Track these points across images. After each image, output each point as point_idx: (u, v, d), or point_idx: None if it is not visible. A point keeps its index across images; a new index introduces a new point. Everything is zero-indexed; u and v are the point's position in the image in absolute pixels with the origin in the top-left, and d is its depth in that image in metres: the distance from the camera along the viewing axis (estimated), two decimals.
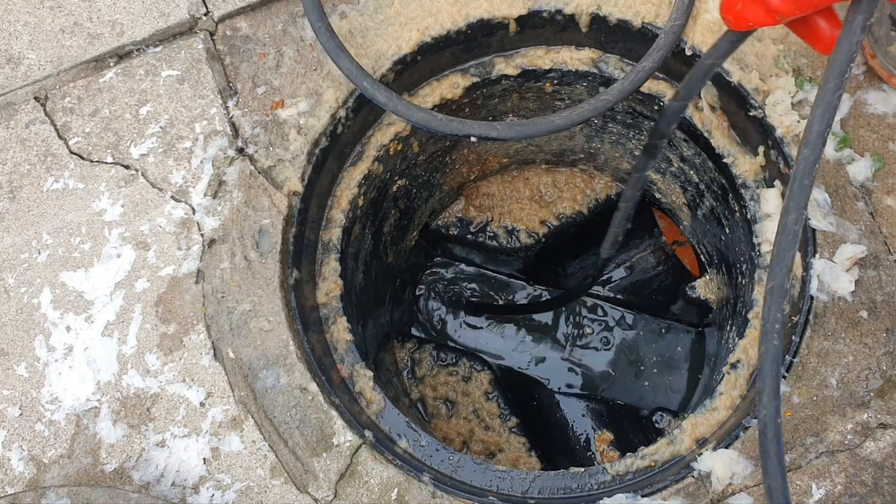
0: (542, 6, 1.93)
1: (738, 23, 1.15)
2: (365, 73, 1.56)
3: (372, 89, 1.54)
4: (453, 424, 2.79)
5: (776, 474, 1.15)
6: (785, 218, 1.15)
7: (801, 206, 1.14)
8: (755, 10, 1.10)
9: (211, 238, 1.78)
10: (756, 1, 1.10)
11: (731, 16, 1.15)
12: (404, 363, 2.90)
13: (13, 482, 1.64)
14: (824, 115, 1.09)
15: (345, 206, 1.99)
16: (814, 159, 1.12)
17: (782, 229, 1.16)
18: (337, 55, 1.61)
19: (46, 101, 1.90)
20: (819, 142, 1.11)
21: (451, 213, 2.92)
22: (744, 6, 1.12)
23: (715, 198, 2.16)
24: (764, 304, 1.17)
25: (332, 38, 1.62)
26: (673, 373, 2.88)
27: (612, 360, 2.94)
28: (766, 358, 1.16)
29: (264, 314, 1.73)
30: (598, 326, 2.97)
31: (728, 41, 1.29)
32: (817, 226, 1.73)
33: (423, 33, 1.91)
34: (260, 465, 1.64)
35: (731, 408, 1.75)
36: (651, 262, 2.94)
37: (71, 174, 1.83)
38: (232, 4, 1.94)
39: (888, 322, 1.66)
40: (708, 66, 1.37)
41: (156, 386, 1.69)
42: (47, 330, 1.73)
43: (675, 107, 1.54)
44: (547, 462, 2.74)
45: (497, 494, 1.70)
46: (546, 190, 2.92)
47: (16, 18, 1.96)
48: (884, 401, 1.61)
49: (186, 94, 1.89)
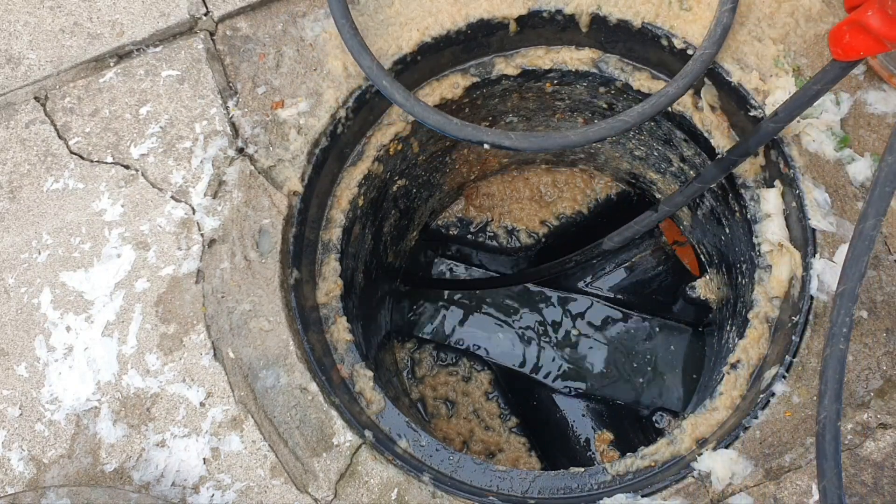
0: (542, 6, 1.93)
1: (849, 53, 1.17)
2: (385, 71, 1.55)
3: (390, 88, 1.53)
4: (453, 424, 2.79)
5: (833, 477, 1.16)
6: (862, 224, 1.14)
7: (881, 213, 1.13)
8: (864, 40, 1.12)
9: (211, 238, 1.78)
10: (862, 32, 1.11)
11: (840, 48, 1.17)
12: (404, 363, 2.90)
13: (13, 482, 1.64)
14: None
15: (345, 206, 1.99)
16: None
17: (858, 235, 1.15)
18: (359, 53, 1.60)
19: (46, 101, 1.90)
20: None
21: (451, 213, 2.92)
22: (851, 38, 1.14)
23: (715, 198, 2.16)
24: (833, 307, 1.16)
25: (355, 37, 1.61)
26: (673, 373, 2.88)
27: (612, 360, 2.94)
28: (831, 361, 1.15)
29: (264, 314, 1.73)
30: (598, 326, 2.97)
31: (838, 68, 1.29)
32: (817, 226, 1.73)
33: (423, 33, 1.91)
34: (260, 465, 1.64)
35: (731, 408, 1.75)
36: (651, 262, 2.94)
37: (71, 174, 1.83)
38: (232, 4, 1.94)
39: (888, 322, 1.66)
40: (815, 92, 1.37)
41: (156, 386, 1.69)
42: (47, 330, 1.73)
43: (770, 127, 1.53)
44: (547, 462, 2.74)
45: (497, 494, 1.70)
46: (546, 190, 2.92)
47: (16, 18, 1.96)
48: (884, 401, 1.61)
49: (186, 94, 1.89)
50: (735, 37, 1.85)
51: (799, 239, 1.80)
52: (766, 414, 1.63)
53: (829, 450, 1.17)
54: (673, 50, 1.90)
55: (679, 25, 1.87)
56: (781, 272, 1.79)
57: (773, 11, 1.86)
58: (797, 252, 1.78)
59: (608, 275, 2.99)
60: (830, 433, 1.16)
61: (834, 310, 1.16)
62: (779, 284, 1.80)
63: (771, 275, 1.82)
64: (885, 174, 1.12)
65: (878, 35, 1.10)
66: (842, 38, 1.16)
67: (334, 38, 1.91)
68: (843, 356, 1.16)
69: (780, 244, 1.81)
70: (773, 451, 1.60)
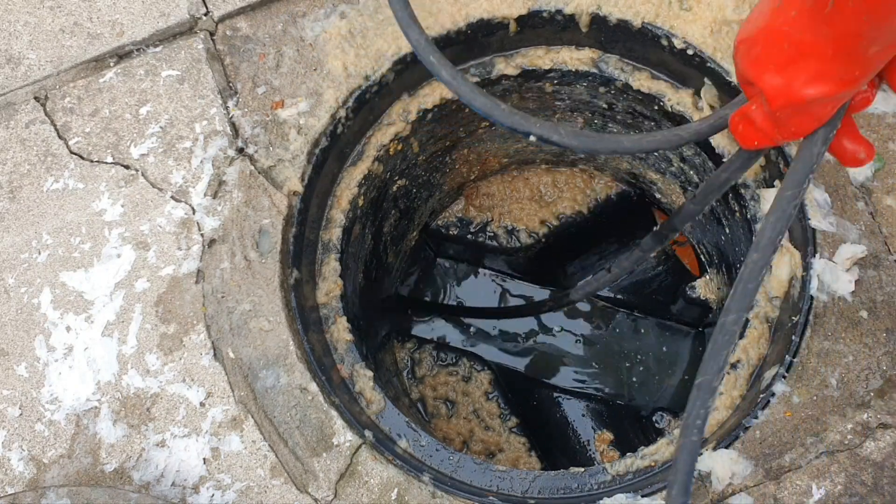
0: (542, 6, 1.93)
1: (745, 142, 1.13)
2: (433, 47, 1.51)
3: (438, 65, 1.49)
4: (453, 424, 2.79)
5: None
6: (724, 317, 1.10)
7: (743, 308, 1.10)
8: (755, 132, 1.09)
9: (211, 238, 1.78)
10: (749, 124, 1.09)
11: (738, 136, 1.14)
12: (404, 363, 2.90)
13: (13, 482, 1.64)
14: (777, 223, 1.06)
15: (345, 206, 1.99)
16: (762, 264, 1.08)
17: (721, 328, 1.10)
18: (408, 25, 1.56)
19: (46, 101, 1.90)
20: (770, 248, 1.08)
21: (451, 213, 2.92)
22: (744, 128, 1.11)
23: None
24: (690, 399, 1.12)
25: (405, 8, 1.57)
26: (673, 373, 2.88)
27: (612, 360, 2.94)
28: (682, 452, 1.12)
29: (264, 314, 1.73)
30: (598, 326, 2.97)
31: (741, 158, 1.28)
32: (817, 226, 1.73)
33: None
34: (260, 465, 1.64)
35: (731, 408, 1.75)
36: (651, 262, 2.94)
37: (71, 174, 1.83)
38: (232, 4, 1.94)
39: (888, 322, 1.66)
40: (724, 180, 1.36)
41: (156, 386, 1.69)
42: (47, 330, 1.73)
43: (691, 209, 1.52)
44: (547, 462, 2.74)
45: (497, 494, 1.70)
46: (546, 190, 2.92)
47: (16, 18, 1.96)
48: (884, 401, 1.61)
49: (186, 94, 1.89)
50: (735, 37, 1.85)
51: (799, 239, 1.80)
52: (766, 414, 1.63)
53: None
54: (673, 50, 1.90)
55: (679, 25, 1.87)
56: (781, 272, 1.79)
57: None
58: (797, 252, 1.78)
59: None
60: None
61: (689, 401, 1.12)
62: (779, 284, 1.80)
63: (771, 275, 1.82)
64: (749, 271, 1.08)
65: (763, 132, 1.07)
66: (737, 128, 1.12)
67: (334, 37, 1.92)
68: (696, 448, 1.12)
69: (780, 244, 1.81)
70: (773, 451, 1.60)
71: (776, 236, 1.08)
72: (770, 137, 1.08)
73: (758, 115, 1.07)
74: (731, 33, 1.85)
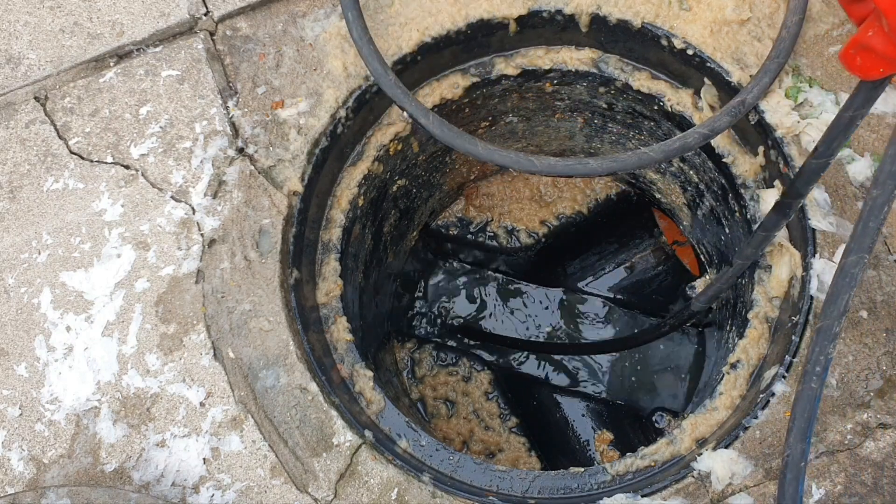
0: (542, 6, 1.93)
1: (869, 74, 1.09)
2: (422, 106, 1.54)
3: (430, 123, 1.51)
4: (453, 424, 2.79)
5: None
6: (844, 259, 1.08)
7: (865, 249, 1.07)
8: (877, 59, 1.05)
9: (211, 238, 1.78)
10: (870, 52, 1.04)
11: (857, 71, 1.10)
12: (404, 363, 2.90)
13: (13, 482, 1.64)
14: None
15: (345, 206, 1.99)
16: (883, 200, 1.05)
17: (840, 271, 1.08)
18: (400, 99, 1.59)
19: (46, 101, 1.90)
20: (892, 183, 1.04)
21: (451, 213, 2.92)
22: (863, 60, 1.07)
23: (715, 198, 2.16)
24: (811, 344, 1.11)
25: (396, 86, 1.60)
26: (672, 372, 2.88)
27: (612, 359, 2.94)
28: (801, 399, 1.11)
29: (264, 314, 1.73)
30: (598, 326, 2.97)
31: (864, 92, 1.20)
32: (817, 226, 1.73)
33: (423, 33, 1.91)
34: (260, 465, 1.64)
35: (731, 408, 1.75)
36: (651, 262, 2.94)
37: (71, 174, 1.84)
38: (232, 4, 1.94)
39: (888, 322, 1.66)
40: (849, 119, 1.27)
41: (156, 386, 1.69)
42: (47, 330, 1.73)
43: (814, 165, 1.42)
44: (547, 462, 2.74)
45: (497, 494, 1.70)
46: (546, 190, 2.92)
47: (16, 18, 1.96)
48: (884, 401, 1.61)
49: (186, 94, 1.89)
50: (735, 37, 1.85)
51: (799, 239, 1.80)
52: (766, 414, 1.63)
53: (789, 491, 1.14)
54: (673, 50, 1.90)
55: (679, 25, 1.87)
56: (781, 272, 1.79)
57: (773, 11, 1.86)
58: (797, 252, 1.78)
59: (608, 275, 2.99)
60: (792, 473, 1.13)
61: (811, 348, 1.12)
62: (779, 284, 1.80)
63: (771, 275, 1.82)
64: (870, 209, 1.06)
65: (887, 57, 1.03)
66: (854, 61, 1.08)
67: (334, 38, 1.91)
68: (815, 396, 1.12)
69: (780, 244, 1.81)
70: (773, 451, 1.60)
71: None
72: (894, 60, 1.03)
73: (877, 40, 1.02)
74: (730, 33, 1.85)
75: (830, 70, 1.83)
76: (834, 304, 1.09)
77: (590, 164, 1.43)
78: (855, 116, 1.25)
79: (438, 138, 1.53)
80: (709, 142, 1.95)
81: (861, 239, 1.07)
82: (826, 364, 1.11)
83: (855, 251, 1.08)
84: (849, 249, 1.08)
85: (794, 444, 1.13)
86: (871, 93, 1.19)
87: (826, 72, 1.83)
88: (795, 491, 1.13)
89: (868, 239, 1.07)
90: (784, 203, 1.58)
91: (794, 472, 1.13)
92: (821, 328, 1.10)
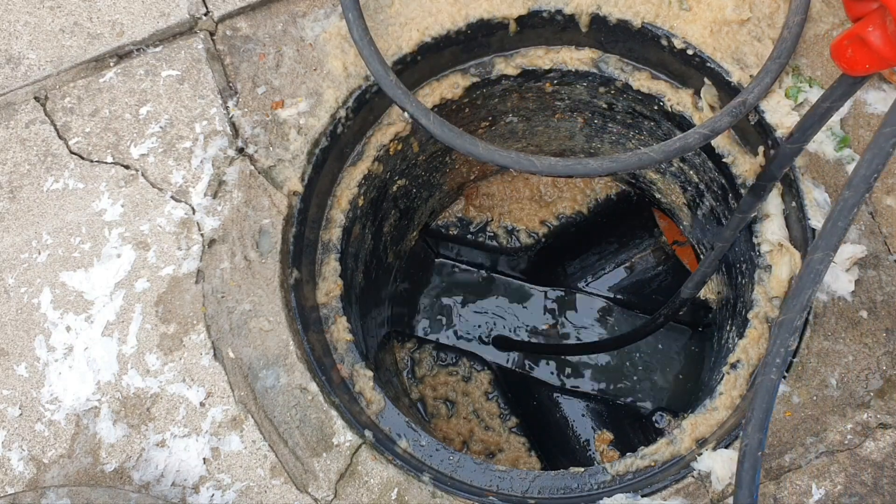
0: (542, 6, 1.93)
1: (854, 68, 1.11)
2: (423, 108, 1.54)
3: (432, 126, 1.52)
4: (453, 424, 2.79)
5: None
6: (811, 255, 1.10)
7: (832, 247, 1.09)
8: (868, 55, 1.06)
9: (211, 238, 1.78)
10: (864, 46, 1.06)
11: (844, 63, 1.11)
12: (404, 363, 2.90)
13: (13, 482, 1.64)
14: (873, 160, 1.05)
15: (345, 205, 1.99)
16: (854, 202, 1.07)
17: (806, 267, 1.10)
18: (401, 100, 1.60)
19: (46, 101, 1.90)
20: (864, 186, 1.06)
21: (451, 213, 2.92)
22: (854, 52, 1.08)
23: (715, 198, 2.16)
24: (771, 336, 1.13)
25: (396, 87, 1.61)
26: (672, 373, 2.88)
27: (612, 359, 2.94)
28: (760, 390, 1.13)
29: (264, 314, 1.74)
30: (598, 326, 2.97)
31: (847, 83, 1.23)
32: (817, 226, 1.73)
33: (423, 33, 1.91)
34: (260, 464, 1.64)
35: (731, 408, 1.75)
36: (651, 262, 2.94)
37: (71, 174, 1.84)
38: (232, 4, 1.94)
39: (888, 322, 1.66)
40: (825, 109, 1.32)
41: (156, 386, 1.69)
42: (47, 330, 1.73)
43: (788, 150, 1.47)
44: (547, 462, 2.74)
45: (497, 494, 1.70)
46: (546, 190, 2.92)
47: (16, 18, 1.96)
48: (884, 401, 1.61)
49: (186, 94, 1.89)
50: (735, 37, 1.85)
51: (799, 239, 1.80)
52: None
53: (746, 479, 1.15)
54: (673, 50, 1.90)
55: (679, 25, 1.87)
56: (781, 272, 1.79)
57: (773, 11, 1.86)
58: (797, 252, 1.78)
59: (608, 275, 2.99)
60: (749, 462, 1.14)
61: (770, 339, 1.13)
62: (779, 284, 1.80)
63: (771, 275, 1.82)
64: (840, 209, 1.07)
65: (880, 54, 1.04)
66: (844, 52, 1.10)
67: (334, 38, 1.92)
68: (774, 387, 1.13)
69: (780, 244, 1.81)
70: (773, 451, 1.60)
71: (871, 174, 1.06)
72: (886, 60, 1.05)
73: (876, 36, 1.03)
74: (731, 33, 1.85)
75: (830, 70, 1.83)
76: (797, 298, 1.11)
77: (590, 164, 1.44)
78: (831, 108, 1.31)
79: (440, 139, 1.54)
80: (709, 142, 1.96)
81: (829, 237, 1.10)
82: (786, 356, 1.13)
83: (822, 248, 1.10)
84: (815, 247, 1.10)
85: (752, 433, 1.15)
86: (850, 87, 1.23)
87: (826, 72, 1.83)
88: (752, 480, 1.15)
89: (835, 238, 1.10)
90: (758, 185, 1.63)
91: (752, 460, 1.15)
92: (783, 321, 1.12)
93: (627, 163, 1.47)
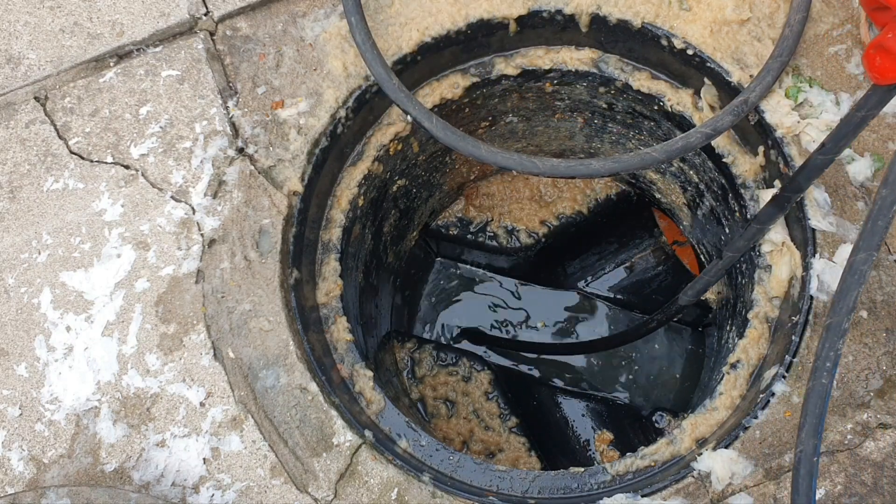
0: (542, 6, 1.93)
1: (885, 76, 1.10)
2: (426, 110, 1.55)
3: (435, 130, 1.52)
4: (453, 424, 2.79)
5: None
6: (853, 256, 1.09)
7: (873, 247, 1.08)
8: (892, 63, 1.06)
9: (211, 238, 1.78)
10: (889, 55, 1.05)
11: (875, 72, 1.11)
12: (404, 363, 2.90)
13: (13, 482, 1.64)
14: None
15: (345, 205, 1.99)
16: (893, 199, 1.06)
17: (849, 268, 1.10)
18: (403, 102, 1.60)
19: (46, 101, 1.90)
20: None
21: (451, 213, 2.92)
22: (882, 61, 1.08)
23: (715, 198, 2.16)
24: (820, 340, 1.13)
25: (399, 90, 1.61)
26: (672, 373, 2.88)
27: (612, 359, 2.94)
28: (812, 395, 1.13)
29: (264, 314, 1.74)
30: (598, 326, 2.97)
31: (878, 94, 1.21)
32: (817, 226, 1.73)
33: (423, 33, 1.91)
34: (260, 464, 1.64)
35: (731, 408, 1.75)
36: (651, 262, 2.94)
37: (71, 174, 1.84)
38: (232, 4, 1.94)
39: (888, 322, 1.66)
40: (860, 119, 1.29)
41: (156, 386, 1.69)
42: (47, 330, 1.73)
43: (818, 161, 1.44)
44: (547, 462, 2.74)
45: (497, 494, 1.70)
46: (546, 190, 2.92)
47: (16, 18, 1.96)
48: (884, 401, 1.61)
49: (186, 94, 1.89)
50: (735, 37, 1.85)
51: (799, 239, 1.79)
52: (766, 414, 1.63)
53: (803, 485, 1.15)
54: (673, 50, 1.90)
55: (679, 25, 1.87)
56: (781, 272, 1.79)
57: (773, 11, 1.86)
58: (797, 252, 1.78)
59: (608, 275, 2.99)
60: (805, 468, 1.15)
61: (819, 342, 1.13)
62: (779, 284, 1.80)
63: (771, 275, 1.82)
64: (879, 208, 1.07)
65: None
66: (874, 62, 1.09)
67: (334, 38, 1.91)
68: (826, 392, 1.13)
69: (780, 244, 1.81)
70: (773, 451, 1.60)
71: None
72: None
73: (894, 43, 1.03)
74: (730, 33, 1.85)
75: (830, 70, 1.83)
76: (843, 300, 1.11)
77: (592, 164, 1.44)
78: (867, 116, 1.27)
79: (442, 141, 1.54)
80: (710, 141, 1.96)
81: (870, 237, 1.09)
82: (836, 360, 1.13)
83: (864, 249, 1.10)
84: (857, 247, 1.10)
85: (806, 439, 1.15)
86: (885, 95, 1.21)
87: (826, 72, 1.83)
88: (809, 486, 1.15)
89: (876, 237, 1.10)
90: (783, 197, 1.60)
91: (808, 466, 1.15)
92: (830, 325, 1.12)
93: (630, 163, 1.47)
